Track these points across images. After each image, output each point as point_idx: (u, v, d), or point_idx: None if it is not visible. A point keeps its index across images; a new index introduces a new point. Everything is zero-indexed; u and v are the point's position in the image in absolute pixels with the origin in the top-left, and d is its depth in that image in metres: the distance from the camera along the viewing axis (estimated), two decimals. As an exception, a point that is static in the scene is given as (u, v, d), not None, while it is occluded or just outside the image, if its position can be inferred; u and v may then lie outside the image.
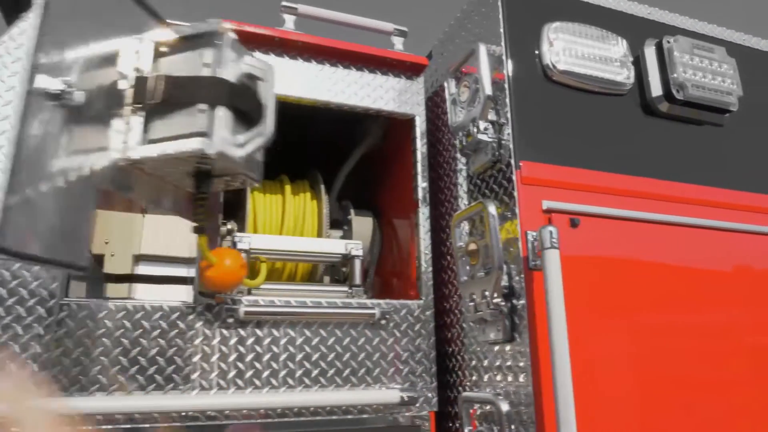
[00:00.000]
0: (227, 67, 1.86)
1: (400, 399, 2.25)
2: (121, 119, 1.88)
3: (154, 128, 1.86)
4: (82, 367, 1.99)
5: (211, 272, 2.01)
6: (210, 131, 1.78)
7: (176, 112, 1.83)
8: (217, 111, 1.81)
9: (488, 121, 2.26)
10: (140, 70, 1.92)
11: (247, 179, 2.01)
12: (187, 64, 1.88)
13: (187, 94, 1.81)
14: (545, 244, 1.92)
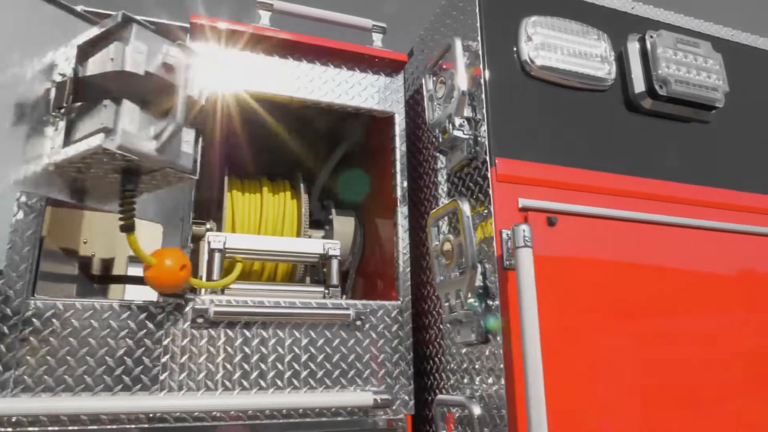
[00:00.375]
0: (135, 59, 1.79)
1: (374, 401, 2.20)
2: (52, 125, 1.86)
3: (75, 130, 1.83)
4: (47, 367, 1.95)
5: (150, 272, 1.98)
6: (114, 126, 1.73)
7: (90, 111, 1.79)
8: (123, 105, 1.76)
9: (464, 117, 2.21)
10: (64, 74, 1.89)
11: (176, 173, 1.93)
12: (99, 62, 1.83)
13: (92, 91, 1.77)
14: (518, 242, 1.87)
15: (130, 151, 1.72)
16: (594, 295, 2.11)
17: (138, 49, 1.77)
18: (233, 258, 2.48)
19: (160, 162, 1.82)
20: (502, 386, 1.92)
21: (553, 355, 1.93)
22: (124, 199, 1.86)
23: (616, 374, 2.05)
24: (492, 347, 2.00)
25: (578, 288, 2.11)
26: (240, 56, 2.46)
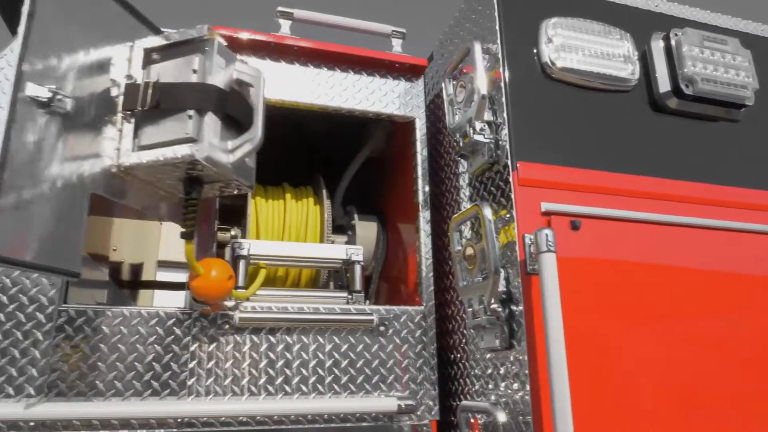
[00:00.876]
0: (216, 73, 1.87)
1: (398, 407, 2.21)
2: (113, 126, 1.91)
3: (144, 135, 1.88)
4: (79, 373, 2.00)
5: (197, 282, 2.01)
6: (199, 137, 1.78)
7: (166, 118, 1.84)
8: (206, 117, 1.81)
9: (484, 121, 2.21)
10: (131, 77, 1.95)
11: (240, 185, 2.01)
12: (176, 70, 1.89)
13: (176, 100, 1.82)
14: (541, 247, 1.86)
15: (214, 163, 1.78)
16: (619, 299, 2.08)
17: (219, 64, 1.83)
18: (257, 264, 2.51)
19: (233, 175, 1.88)
20: (527, 392, 1.90)
21: (578, 360, 1.90)
22: (187, 207, 1.91)
23: (642, 378, 2.01)
24: (516, 353, 1.98)
25: (603, 292, 2.08)
26: (260, 65, 2.49)
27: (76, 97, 1.78)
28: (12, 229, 1.54)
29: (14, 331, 1.99)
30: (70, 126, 1.77)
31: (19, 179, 1.58)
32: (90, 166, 1.83)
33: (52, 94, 1.67)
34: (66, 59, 1.78)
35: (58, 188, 1.71)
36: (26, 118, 1.62)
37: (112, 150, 1.91)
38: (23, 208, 1.59)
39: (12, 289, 2.02)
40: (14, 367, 1.95)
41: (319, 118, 2.71)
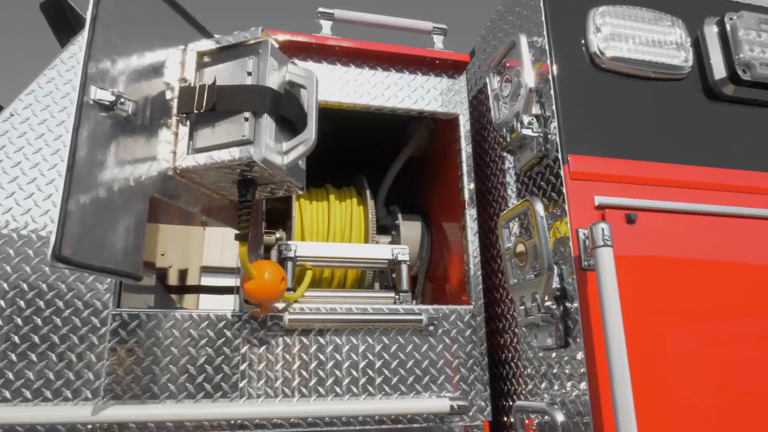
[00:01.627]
0: (270, 75, 1.87)
1: (450, 408, 2.17)
2: (168, 129, 1.93)
3: (200, 137, 1.90)
4: (134, 376, 2.03)
5: (250, 285, 2.01)
6: (255, 139, 1.79)
7: (222, 120, 1.86)
8: (262, 119, 1.81)
9: (532, 115, 2.15)
10: (185, 80, 1.97)
11: (292, 186, 2.00)
12: (230, 73, 1.91)
13: (231, 102, 1.83)
14: (597, 242, 1.79)
15: (269, 165, 1.79)
16: (678, 294, 2.00)
17: (273, 66, 1.84)
18: (303, 266, 2.51)
19: (287, 177, 1.88)
20: (585, 392, 1.84)
21: (636, 359, 1.83)
22: (242, 209, 1.92)
23: (703, 376, 1.93)
24: (572, 351, 1.92)
25: (661, 287, 2.00)
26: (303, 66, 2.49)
27: (135, 101, 1.81)
28: (79, 233, 1.57)
29: (70, 335, 2.03)
30: (130, 129, 1.80)
31: (84, 183, 1.61)
32: (148, 169, 1.86)
33: (115, 98, 1.70)
34: (125, 63, 1.81)
35: (120, 191, 1.73)
36: (91, 122, 1.65)
37: (169, 153, 1.93)
38: (89, 212, 1.61)
39: (67, 294, 2.06)
40: (71, 371, 1.99)
41: (361, 118, 2.70)
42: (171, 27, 2.04)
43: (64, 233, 1.49)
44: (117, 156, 1.74)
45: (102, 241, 1.64)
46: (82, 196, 1.58)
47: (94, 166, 1.64)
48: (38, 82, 2.29)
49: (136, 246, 1.77)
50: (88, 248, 1.58)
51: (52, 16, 2.54)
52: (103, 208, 1.66)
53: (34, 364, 1.97)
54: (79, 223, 1.56)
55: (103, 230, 1.65)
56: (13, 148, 2.18)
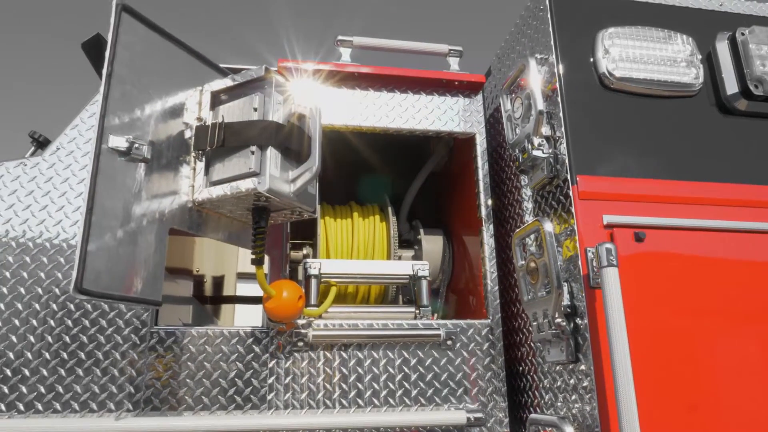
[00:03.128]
0: (275, 109, 2.01)
1: (467, 420, 2.25)
2: (187, 165, 2.09)
3: (214, 171, 2.05)
4: (170, 389, 2.19)
5: (270, 304, 2.14)
6: (261, 170, 1.92)
7: (232, 155, 2.00)
8: (267, 151, 1.95)
9: (542, 136, 2.22)
10: (201, 119, 2.12)
11: (303, 211, 2.13)
12: (239, 109, 2.05)
13: (239, 137, 1.97)
14: (603, 262, 1.86)
15: (276, 194, 1.92)
16: (688, 310, 2.03)
17: (278, 100, 1.98)
18: (328, 282, 2.63)
19: (295, 203, 2.01)
20: (594, 407, 1.90)
21: (645, 375, 1.89)
22: (256, 236, 2.05)
23: (712, 392, 1.96)
24: (582, 366, 1.99)
25: (671, 303, 2.04)
26: (324, 92, 2.62)
27: (154, 142, 1.97)
28: (103, 268, 1.73)
29: (113, 351, 2.20)
30: (150, 169, 1.96)
31: (106, 221, 1.77)
32: (169, 203, 2.02)
33: (130, 144, 1.86)
34: (143, 109, 1.98)
35: (141, 226, 1.89)
36: (109, 167, 1.81)
37: (188, 187, 2.09)
38: (111, 248, 1.77)
39: (110, 314, 2.24)
40: (114, 385, 2.16)
41: (383, 138, 2.81)
42: (187, 69, 2.19)
43: (84, 269, 1.65)
44: (138, 194, 1.90)
45: (122, 273, 1.79)
46: (103, 234, 1.73)
47: (114, 205, 1.80)
48: (81, 117, 2.49)
49: (155, 275, 1.92)
50: (109, 280, 1.73)
51: (92, 55, 2.74)
52: (123, 243, 1.81)
53: (81, 378, 2.15)
54: (100, 258, 1.70)
55: (123, 263, 1.80)
56: (60, 179, 2.38)
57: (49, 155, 2.41)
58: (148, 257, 1.87)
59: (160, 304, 1.90)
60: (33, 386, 2.12)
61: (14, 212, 2.31)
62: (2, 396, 2.09)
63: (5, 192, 2.33)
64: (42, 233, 2.30)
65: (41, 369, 2.14)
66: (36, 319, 2.19)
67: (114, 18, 1.89)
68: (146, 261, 1.87)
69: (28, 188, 2.35)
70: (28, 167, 2.38)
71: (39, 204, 2.33)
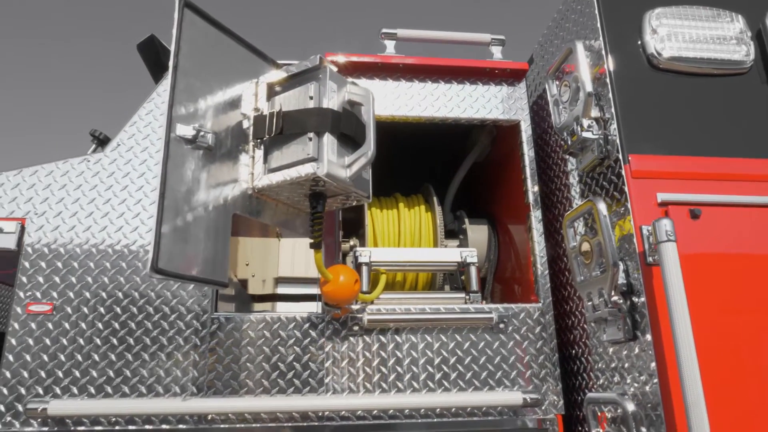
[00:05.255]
0: (330, 97, 2.07)
1: (523, 400, 2.27)
2: (246, 154, 2.16)
3: (272, 159, 2.12)
4: (232, 373, 2.26)
5: (327, 288, 2.19)
6: (319, 156, 1.98)
7: (290, 142, 2.07)
8: (324, 137, 2.01)
9: (591, 118, 2.23)
10: (258, 110, 2.20)
11: (358, 197, 2.18)
12: (296, 99, 2.12)
13: (297, 125, 2.04)
14: (660, 237, 1.86)
15: (333, 179, 1.99)
16: (746, 287, 2.02)
17: (332, 88, 2.05)
18: (378, 270, 2.68)
19: (351, 188, 2.07)
20: (655, 384, 1.90)
21: (704, 353, 1.88)
22: (314, 220, 2.12)
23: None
24: (641, 344, 1.99)
25: (728, 281, 2.02)
26: (370, 85, 2.67)
27: (215, 132, 2.05)
28: (174, 249, 1.81)
29: (176, 337, 2.28)
30: (212, 157, 2.04)
31: (176, 206, 1.85)
32: (230, 190, 2.09)
33: (196, 132, 1.94)
34: (206, 100, 2.06)
35: (207, 211, 1.97)
36: (177, 154, 1.90)
37: (247, 174, 2.16)
38: (182, 231, 1.85)
39: (172, 301, 2.32)
40: (178, 369, 2.24)
41: (425, 130, 2.85)
42: (243, 62, 2.27)
43: (159, 250, 1.73)
44: (202, 180, 1.98)
45: (192, 255, 1.87)
46: (174, 218, 1.82)
47: (183, 190, 1.88)
48: (139, 114, 2.60)
49: (222, 257, 2.00)
50: (180, 261, 1.81)
51: (146, 55, 2.85)
52: (192, 226, 1.89)
53: (147, 363, 2.23)
54: (172, 241, 1.79)
55: (192, 245, 1.88)
56: (121, 173, 2.48)
57: (110, 151, 2.52)
58: (214, 241, 1.95)
59: (226, 285, 1.97)
60: (102, 371, 2.22)
61: (80, 205, 2.42)
62: (74, 380, 2.19)
63: (71, 187, 2.44)
64: (106, 226, 2.40)
65: (109, 354, 2.24)
66: (103, 307, 2.29)
67: (177, 13, 1.97)
68: (213, 244, 1.94)
69: (92, 183, 2.46)
70: (91, 163, 2.49)
71: (102, 197, 2.44)
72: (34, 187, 2.43)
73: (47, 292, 2.29)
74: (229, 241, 2.03)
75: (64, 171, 2.47)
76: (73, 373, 2.20)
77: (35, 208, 2.40)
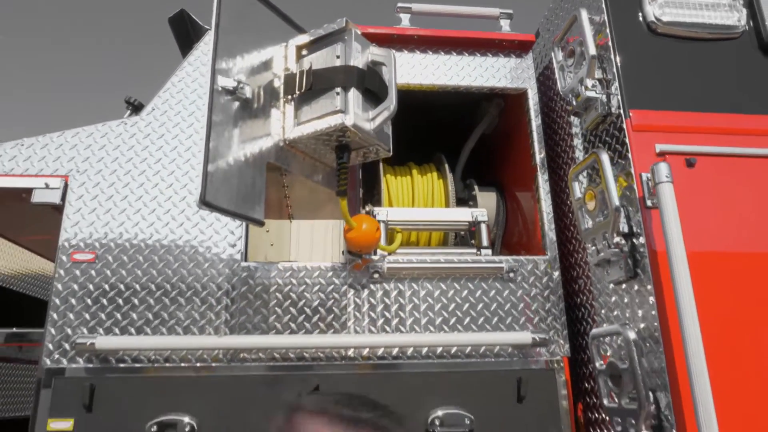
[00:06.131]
0: (355, 56, 2.25)
1: (532, 340, 2.44)
2: (278, 110, 2.34)
3: (302, 113, 2.30)
4: (261, 316, 2.44)
5: (351, 234, 2.37)
6: (346, 109, 2.16)
7: (318, 97, 2.25)
8: (350, 92, 2.19)
9: (595, 78, 2.41)
10: (288, 69, 2.38)
11: (380, 149, 2.36)
12: (323, 58, 2.30)
13: (325, 81, 2.22)
14: (659, 179, 2.03)
15: (359, 129, 2.17)
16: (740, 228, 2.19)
17: (357, 49, 2.24)
18: (394, 229, 2.85)
19: (374, 140, 2.25)
20: (654, 315, 2.07)
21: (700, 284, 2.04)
22: (340, 170, 2.29)
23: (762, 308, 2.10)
24: (641, 281, 2.16)
25: (722, 226, 2.19)
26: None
27: (251, 87, 2.23)
28: (219, 187, 1.99)
29: (210, 283, 2.46)
30: (249, 111, 2.22)
31: (220, 149, 2.03)
32: (265, 141, 2.27)
33: (237, 83, 2.12)
34: (243, 59, 2.24)
35: (246, 156, 2.15)
36: (219, 104, 2.08)
37: (279, 128, 2.34)
38: (225, 171, 2.03)
39: (206, 252, 2.50)
40: (212, 312, 2.42)
41: (438, 103, 3.02)
42: (273, 28, 2.46)
43: (207, 186, 1.91)
44: (241, 130, 2.16)
45: (233, 194, 2.05)
46: (218, 159, 2.00)
47: (225, 136, 2.06)
48: (172, 81, 2.78)
49: (258, 198, 2.17)
50: (223, 197, 1.99)
51: (176, 28, 3.04)
52: (233, 169, 2.07)
53: (183, 307, 2.41)
54: (217, 179, 1.97)
55: (233, 185, 2.06)
56: (156, 135, 2.67)
57: (146, 115, 2.70)
58: (252, 184, 2.13)
59: (263, 223, 2.14)
60: (142, 314, 2.40)
61: (118, 164, 2.61)
62: (116, 322, 2.37)
63: (110, 147, 2.63)
64: (143, 183, 2.59)
65: (148, 299, 2.42)
66: (142, 256, 2.47)
67: (218, -22, 2.16)
68: (251, 187, 2.12)
69: (129, 143, 2.65)
70: (128, 126, 2.68)
71: (139, 157, 2.63)
72: (76, 147, 2.62)
73: (90, 243, 2.48)
74: (264, 186, 2.20)
75: (103, 133, 2.65)
76: (114, 316, 2.38)
77: (77, 167, 2.59)
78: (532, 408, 2.43)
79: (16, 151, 2.59)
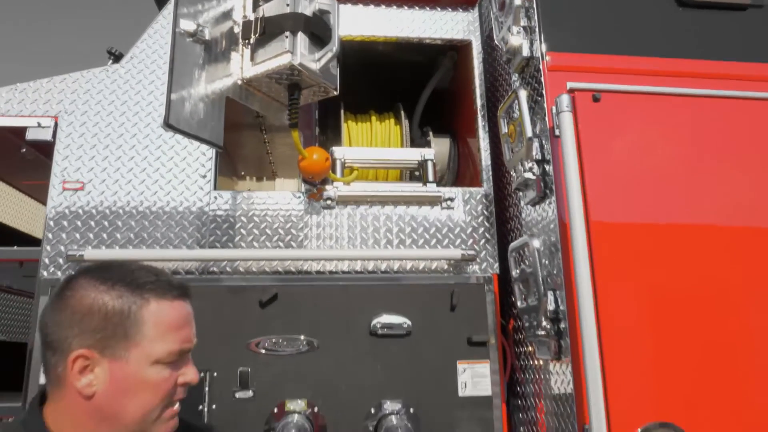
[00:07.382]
0: (303, 5, 2.55)
1: (461, 255, 2.81)
2: (236, 53, 2.66)
3: (257, 55, 2.61)
4: (228, 236, 2.80)
5: (303, 163, 2.72)
6: (293, 50, 2.48)
7: (271, 41, 2.56)
8: (298, 36, 2.50)
9: (521, 26, 2.73)
10: (246, 17, 2.69)
11: (328, 88, 2.68)
12: (275, 7, 2.60)
13: (276, 26, 2.53)
14: (560, 108, 2.37)
15: (305, 68, 2.48)
16: (639, 164, 2.50)
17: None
18: (351, 167, 3.20)
19: (320, 79, 2.57)
20: (555, 226, 2.42)
21: (595, 207, 2.37)
22: (291, 105, 2.61)
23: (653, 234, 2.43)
24: (549, 201, 2.51)
25: (625, 156, 2.51)
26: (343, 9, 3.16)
27: (212, 33, 2.55)
28: (181, 112, 2.31)
29: (184, 208, 2.82)
30: (210, 54, 2.54)
31: (182, 81, 2.35)
32: (224, 80, 2.59)
33: (197, 26, 2.44)
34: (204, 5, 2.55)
35: (206, 90, 2.47)
36: (181, 44, 2.39)
37: (238, 68, 2.65)
38: (187, 100, 2.34)
39: (180, 181, 2.86)
40: (185, 233, 2.79)
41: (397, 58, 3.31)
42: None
43: (170, 110, 2.23)
44: (203, 68, 2.46)
45: (195, 119, 2.36)
46: (180, 89, 2.30)
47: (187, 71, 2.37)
48: (148, 32, 3.11)
49: (218, 126, 2.48)
50: (185, 121, 2.31)
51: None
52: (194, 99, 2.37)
53: (160, 227, 2.78)
54: (179, 106, 2.28)
55: (195, 112, 2.36)
56: (135, 81, 3.01)
57: (125, 63, 3.04)
58: (211, 113, 2.46)
59: (222, 148, 2.49)
60: (125, 234, 2.76)
61: (101, 106, 2.95)
62: (102, 241, 2.74)
63: (94, 91, 2.97)
64: (123, 122, 2.93)
65: (130, 221, 2.78)
66: (124, 185, 2.83)
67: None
68: (211, 115, 2.45)
69: (111, 88, 2.99)
70: (110, 73, 3.02)
71: (120, 99, 2.97)
72: (64, 91, 2.96)
73: (78, 173, 2.83)
74: (223, 117, 2.53)
75: (87, 78, 2.99)
76: (101, 236, 2.75)
77: (65, 108, 2.93)
78: (463, 316, 2.81)
79: (11, 95, 2.93)
